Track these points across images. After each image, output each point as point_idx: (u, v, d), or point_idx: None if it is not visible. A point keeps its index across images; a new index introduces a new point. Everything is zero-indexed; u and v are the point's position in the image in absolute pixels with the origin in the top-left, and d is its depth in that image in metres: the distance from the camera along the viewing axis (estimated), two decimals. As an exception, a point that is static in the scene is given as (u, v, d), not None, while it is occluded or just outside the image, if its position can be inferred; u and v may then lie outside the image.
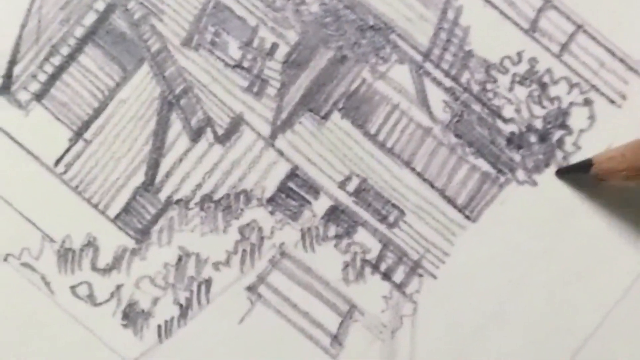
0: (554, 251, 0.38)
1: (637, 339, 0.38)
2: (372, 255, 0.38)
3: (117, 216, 0.38)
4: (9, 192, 0.38)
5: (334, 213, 0.38)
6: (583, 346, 0.37)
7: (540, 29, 0.38)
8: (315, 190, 0.38)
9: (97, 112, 0.38)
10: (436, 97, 0.38)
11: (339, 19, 0.38)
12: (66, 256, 0.38)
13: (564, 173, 0.37)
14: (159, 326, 0.38)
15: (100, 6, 0.38)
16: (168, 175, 0.38)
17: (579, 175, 0.37)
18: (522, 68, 0.38)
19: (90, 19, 0.38)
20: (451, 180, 0.38)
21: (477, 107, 0.38)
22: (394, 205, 0.38)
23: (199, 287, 0.38)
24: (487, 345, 0.38)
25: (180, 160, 0.38)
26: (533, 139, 0.38)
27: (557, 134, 0.38)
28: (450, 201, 0.38)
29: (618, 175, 0.35)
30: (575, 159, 0.38)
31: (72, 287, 0.38)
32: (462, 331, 0.38)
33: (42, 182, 0.38)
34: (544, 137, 0.38)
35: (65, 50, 0.38)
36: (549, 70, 0.38)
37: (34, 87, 0.38)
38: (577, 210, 0.38)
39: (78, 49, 0.38)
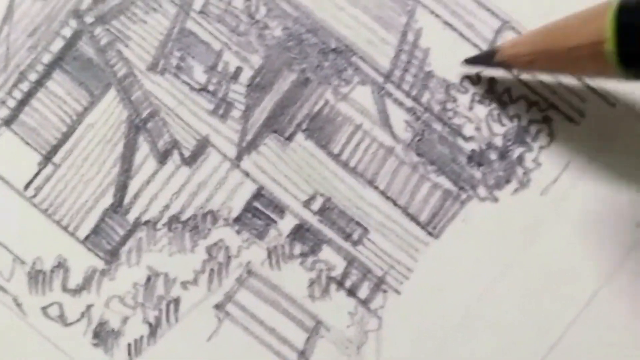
0: (515, 266, 0.38)
1: (597, 353, 0.38)
2: (337, 272, 0.39)
3: (87, 238, 0.39)
4: (-21, 216, 0.39)
5: (299, 231, 0.39)
6: (546, 357, 0.38)
7: (498, 49, 0.38)
8: (280, 209, 0.39)
9: (66, 136, 0.39)
10: (398, 117, 0.39)
11: (301, 42, 0.39)
12: (37, 278, 0.39)
13: (471, 62, 0.38)
14: (129, 345, 0.39)
15: (68, 33, 0.39)
16: (136, 197, 0.39)
17: (485, 61, 0.38)
18: (482, 88, 0.38)
19: (57, 45, 0.39)
20: (414, 197, 0.39)
21: (438, 126, 0.39)
22: (357, 223, 0.39)
23: (167, 306, 0.39)
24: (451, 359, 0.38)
25: (148, 182, 0.39)
26: (493, 156, 0.38)
27: (517, 151, 0.38)
28: (413, 218, 0.39)
29: (521, 60, 0.35)
30: (535, 175, 0.38)
31: (44, 308, 0.39)
32: (426, 345, 0.38)
33: (13, 206, 0.39)
34: (504, 154, 0.38)
35: (33, 77, 0.39)
36: (507, 90, 0.38)
37: (3, 112, 0.39)
38: (537, 225, 0.38)
39: (46, 74, 0.39)
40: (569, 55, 0.33)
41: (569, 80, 0.38)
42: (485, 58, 0.38)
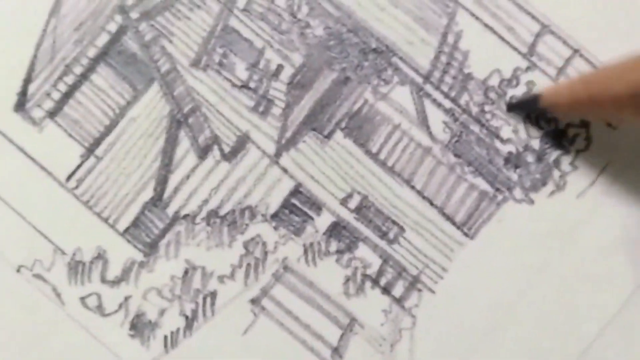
0: (549, 268, 0.38)
1: (629, 358, 0.38)
2: (372, 270, 0.39)
3: (126, 230, 0.40)
4: (22, 205, 0.39)
5: (336, 229, 0.39)
6: (580, 359, 0.38)
7: (537, 53, 0.39)
8: (317, 206, 0.39)
9: (108, 130, 0.39)
10: (436, 117, 0.39)
11: (342, 42, 0.39)
12: (76, 268, 0.39)
13: (514, 107, 0.38)
14: (165, 337, 0.39)
15: (113, 28, 0.39)
16: (176, 191, 0.39)
17: (528, 107, 0.38)
18: (520, 90, 0.39)
19: (102, 40, 0.40)
20: (450, 198, 0.39)
21: (475, 127, 0.39)
22: (394, 222, 0.39)
23: (204, 299, 0.39)
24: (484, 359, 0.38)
25: (188, 176, 0.39)
26: (530, 158, 0.39)
27: (554, 154, 0.39)
28: (449, 218, 0.39)
29: (561, 109, 0.36)
30: (571, 178, 0.38)
31: (82, 298, 0.39)
32: (459, 345, 0.39)
33: (55, 197, 0.39)
34: (541, 157, 0.39)
35: (78, 70, 0.40)
36: (546, 93, 0.39)
37: (48, 104, 0.40)
38: (573, 228, 0.38)
39: (91, 68, 0.40)
40: (611, 104, 0.33)
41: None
42: (528, 104, 0.38)
